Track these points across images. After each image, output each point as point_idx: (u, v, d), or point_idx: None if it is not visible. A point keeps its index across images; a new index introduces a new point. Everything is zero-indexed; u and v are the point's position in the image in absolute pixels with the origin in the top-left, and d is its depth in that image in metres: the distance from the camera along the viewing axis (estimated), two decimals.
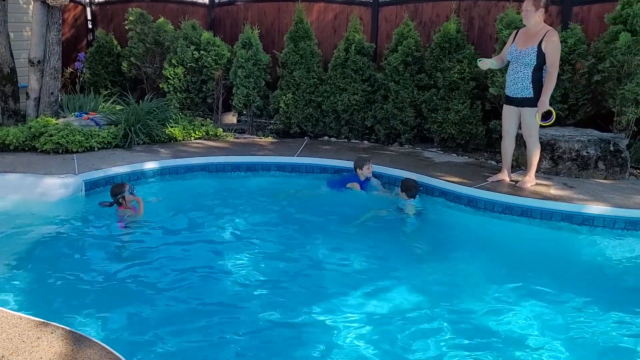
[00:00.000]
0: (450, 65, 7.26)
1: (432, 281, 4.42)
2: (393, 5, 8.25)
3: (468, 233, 5.45)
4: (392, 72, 7.61)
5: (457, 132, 7.33)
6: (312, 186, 6.55)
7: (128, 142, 7.29)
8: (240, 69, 8.27)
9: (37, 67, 8.00)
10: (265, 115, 8.80)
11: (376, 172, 6.43)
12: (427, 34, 7.90)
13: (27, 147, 6.96)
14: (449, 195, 5.95)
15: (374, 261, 4.76)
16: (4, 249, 4.66)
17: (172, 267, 4.53)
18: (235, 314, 3.90)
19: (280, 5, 8.97)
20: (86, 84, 9.76)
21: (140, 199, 5.49)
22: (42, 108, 8.09)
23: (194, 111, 8.91)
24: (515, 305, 4.03)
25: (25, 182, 5.84)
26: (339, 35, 8.40)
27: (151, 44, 9.13)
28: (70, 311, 3.75)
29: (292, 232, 5.34)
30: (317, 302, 4.02)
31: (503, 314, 3.92)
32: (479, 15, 7.67)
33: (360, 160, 6.34)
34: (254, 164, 6.90)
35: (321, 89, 8.05)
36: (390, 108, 7.65)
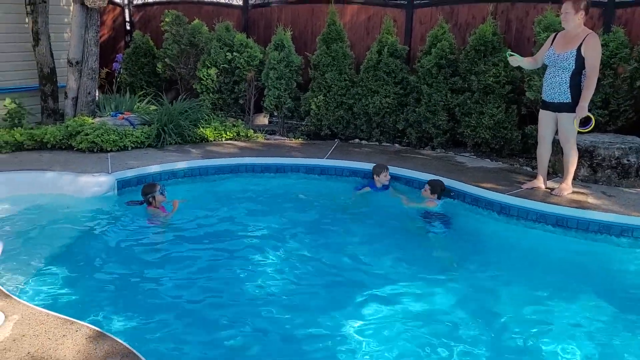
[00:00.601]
0: (485, 69, 7.10)
1: (461, 289, 4.31)
2: (428, 7, 8.13)
3: (500, 241, 5.30)
4: (425, 75, 7.50)
5: (491, 136, 7.17)
6: (341, 190, 6.51)
7: (160, 142, 7.38)
8: (272, 70, 8.28)
9: (75, 67, 8.20)
10: (296, 117, 8.79)
11: (407, 177, 6.34)
12: (462, 36, 7.75)
13: (64, 146, 7.12)
14: (480, 201, 5.80)
15: (401, 268, 4.68)
16: (36, 244, 4.76)
17: (198, 269, 4.55)
18: (260, 318, 3.88)
19: (314, 7, 8.95)
20: (123, 84, 9.95)
21: (177, 202, 5.54)
22: (79, 107, 8.28)
23: (226, 112, 8.98)
24: (546, 319, 3.89)
25: (61, 179, 5.96)
26: (372, 37, 8.32)
27: (186, 45, 9.23)
28: (96, 309, 3.80)
29: (319, 236, 5.30)
30: (343, 307, 3.97)
31: (533, 327, 3.78)
32: (517, 17, 7.48)
33: (378, 167, 6.30)
34: (283, 166, 6.88)
35: (353, 91, 8.00)
36: (423, 111, 7.53)
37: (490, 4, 7.50)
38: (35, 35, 7.97)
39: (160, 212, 5.46)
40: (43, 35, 8.02)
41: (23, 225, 5.12)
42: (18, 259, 4.37)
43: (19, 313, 3.22)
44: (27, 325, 3.10)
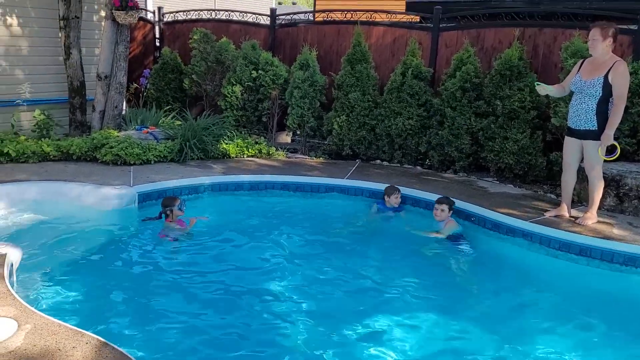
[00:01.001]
0: (510, 93, 7.02)
1: (479, 316, 4.22)
2: (454, 30, 8.11)
3: (520, 269, 5.18)
4: (449, 98, 7.45)
5: (515, 162, 7.06)
6: (360, 210, 6.47)
7: (183, 157, 7.46)
8: (296, 89, 8.34)
9: (104, 81, 8.38)
10: (318, 136, 8.81)
11: (426, 200, 6.26)
12: (488, 60, 7.70)
13: (89, 157, 7.24)
14: (502, 227, 5.69)
15: (418, 292, 4.60)
16: (55, 254, 4.83)
17: (212, 285, 4.55)
18: (273, 337, 3.84)
19: (340, 28, 9.02)
20: (149, 99, 10.12)
21: (194, 220, 5.57)
22: (106, 120, 8.44)
23: (249, 129, 9.05)
24: (564, 352, 3.75)
25: (83, 191, 6.05)
26: (397, 59, 8.33)
27: (212, 62, 9.37)
28: (108, 322, 3.81)
29: (335, 256, 5.25)
30: (360, 330, 3.94)
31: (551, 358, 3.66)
32: (544, 42, 7.41)
33: (390, 188, 6.31)
34: (303, 184, 6.87)
35: (376, 112, 7.99)
36: (446, 134, 7.47)
37: (517, 29, 7.45)
38: (67, 49, 8.18)
39: (176, 226, 5.48)
40: (74, 50, 8.23)
41: (43, 234, 5.20)
42: (36, 268, 4.43)
43: (32, 322, 3.23)
44: (38, 335, 3.11)
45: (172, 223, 5.47)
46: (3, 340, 3.03)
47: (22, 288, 4.03)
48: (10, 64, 8.02)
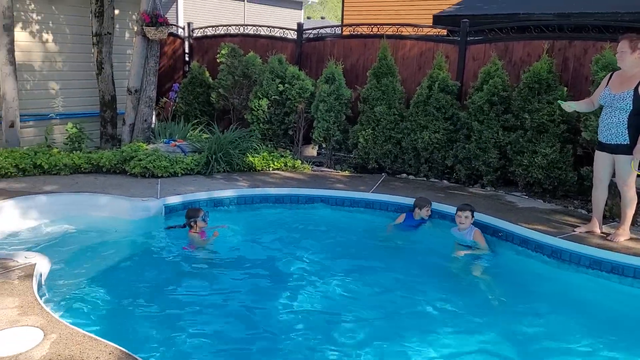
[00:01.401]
0: (539, 107, 6.90)
1: (506, 334, 4.11)
2: (482, 43, 8.04)
3: (549, 286, 5.03)
4: (476, 112, 7.37)
5: (544, 176, 6.92)
6: (385, 224, 6.42)
7: (209, 170, 7.55)
8: (322, 102, 8.37)
9: (134, 95, 8.57)
10: (344, 149, 8.81)
11: (453, 214, 6.17)
12: (516, 73, 7.60)
13: (118, 170, 7.39)
14: (530, 243, 5.57)
15: (444, 306, 4.53)
16: (82, 264, 4.91)
17: (236, 297, 4.58)
18: (294, 350, 3.82)
19: (366, 42, 9.04)
20: (178, 112, 10.29)
21: (217, 233, 5.62)
22: (135, 134, 8.61)
23: (276, 142, 9.10)
24: None
25: (111, 202, 6.17)
26: (424, 73, 8.29)
27: (239, 76, 9.49)
28: (132, 332, 3.85)
29: (359, 269, 5.22)
30: (383, 343, 3.87)
31: None
32: (574, 55, 7.28)
33: (421, 200, 6.27)
34: (328, 198, 6.87)
35: (402, 126, 7.95)
36: (473, 148, 7.38)
37: (546, 42, 7.34)
38: (99, 64, 8.40)
39: (200, 237, 5.53)
40: (106, 65, 8.44)
41: (72, 245, 5.30)
42: (63, 278, 4.51)
43: (57, 332, 3.29)
44: (63, 344, 3.16)
45: (196, 234, 5.52)
46: (29, 349, 3.09)
47: (50, 298, 4.11)
48: (45, 79, 8.27)
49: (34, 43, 8.08)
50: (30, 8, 7.93)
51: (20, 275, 4.02)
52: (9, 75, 7.47)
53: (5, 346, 3.11)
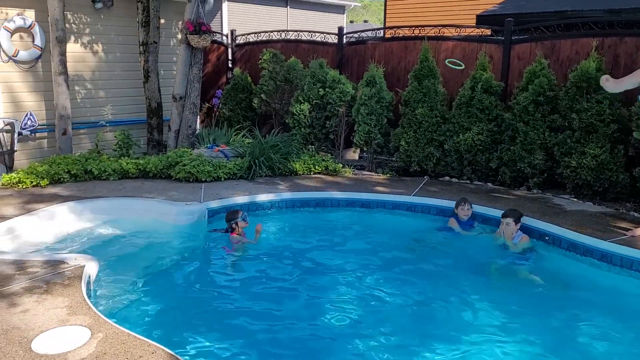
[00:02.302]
0: (588, 106, 6.67)
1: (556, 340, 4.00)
2: (527, 42, 7.84)
3: (599, 292, 4.85)
4: (521, 112, 7.19)
5: (594, 178, 6.67)
6: (427, 228, 6.34)
7: (251, 174, 7.64)
8: (363, 106, 8.35)
9: (179, 102, 8.78)
10: (385, 153, 8.75)
11: (497, 217, 6.03)
12: (563, 72, 7.37)
13: (163, 175, 7.58)
14: (579, 247, 5.38)
15: (490, 312, 4.43)
16: (128, 267, 5.05)
17: (278, 300, 4.62)
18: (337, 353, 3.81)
19: (408, 44, 8.97)
20: (221, 118, 10.48)
21: (260, 226, 5.68)
22: (180, 140, 8.82)
23: (317, 146, 9.14)
24: None
25: (157, 207, 6.32)
26: (467, 74, 8.15)
27: (281, 81, 9.58)
28: (175, 333, 3.93)
29: (401, 273, 5.17)
30: (420, 346, 3.82)
31: None
32: (626, 52, 7.00)
33: (459, 200, 6.22)
34: (369, 202, 6.83)
35: (444, 128, 7.84)
36: (518, 150, 7.20)
37: (595, 39, 7.09)
38: (146, 72, 8.66)
39: (242, 238, 5.60)
40: (152, 73, 8.69)
41: (119, 248, 5.47)
42: (110, 280, 4.65)
43: (104, 332, 3.40)
44: (109, 344, 3.26)
45: (238, 236, 5.60)
46: (77, 347, 3.20)
47: (98, 298, 4.25)
48: (95, 88, 8.59)
49: (85, 53, 8.41)
50: (81, 20, 8.26)
51: (70, 277, 4.18)
52: (62, 84, 7.80)
53: (55, 344, 3.23)
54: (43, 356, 3.11)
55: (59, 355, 3.12)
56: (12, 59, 7.47)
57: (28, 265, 4.39)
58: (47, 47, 7.77)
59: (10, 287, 3.98)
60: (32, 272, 4.26)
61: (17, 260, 4.51)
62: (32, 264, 4.41)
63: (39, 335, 3.34)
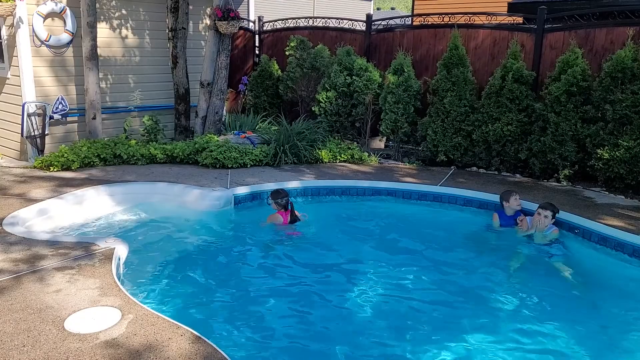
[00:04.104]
0: (622, 97, 6.50)
1: (585, 334, 3.93)
2: (560, 31, 7.65)
3: (631, 286, 4.75)
4: (552, 103, 7.05)
5: (627, 171, 6.52)
6: (453, 218, 6.29)
7: (277, 161, 7.66)
8: (390, 94, 8.27)
9: (206, 88, 8.82)
10: (412, 142, 8.68)
11: (525, 210, 5.94)
12: (598, 62, 7.18)
13: (190, 160, 7.65)
14: (609, 241, 5.28)
15: (518, 304, 4.39)
16: (157, 251, 5.13)
17: (304, 287, 4.62)
18: (361, 341, 3.82)
19: (437, 32, 8.83)
20: (248, 104, 10.50)
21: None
22: (207, 126, 8.87)
23: (343, 134, 9.11)
24: None
25: (184, 192, 6.39)
26: (497, 63, 8.01)
27: (308, 69, 9.54)
28: (202, 316, 3.98)
29: (425, 263, 5.14)
30: (446, 339, 3.80)
31: None
32: None
33: (505, 193, 5.98)
34: (395, 190, 6.80)
35: (472, 118, 7.73)
36: (549, 141, 7.06)
37: (632, 28, 6.89)
38: (174, 58, 8.70)
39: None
40: (181, 59, 8.72)
41: (147, 232, 5.55)
42: (140, 263, 4.73)
43: (134, 313, 3.46)
44: (139, 325, 3.32)
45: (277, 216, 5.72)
46: (108, 327, 3.27)
47: (127, 280, 4.32)
48: (124, 73, 8.67)
49: (114, 39, 8.49)
50: (112, 5, 8.34)
51: (101, 259, 4.25)
52: (92, 70, 7.89)
53: (87, 324, 3.30)
54: (76, 335, 3.19)
55: (91, 335, 3.19)
56: (44, 43, 7.58)
57: (60, 246, 4.49)
58: (78, 32, 7.86)
59: (44, 268, 4.08)
60: (64, 253, 4.35)
61: (49, 241, 4.61)
62: (64, 245, 4.50)
63: (71, 314, 3.42)
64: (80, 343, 3.10)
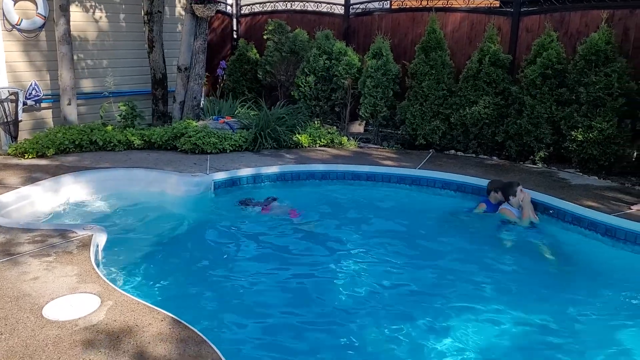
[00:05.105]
0: (596, 80, 6.61)
1: (555, 312, 4.03)
2: (536, 14, 7.72)
3: (603, 266, 4.88)
4: (528, 85, 7.13)
5: (600, 152, 6.65)
6: (432, 201, 6.36)
7: (257, 146, 7.64)
8: (369, 78, 8.28)
9: (184, 73, 8.72)
10: (391, 126, 8.72)
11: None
12: (572, 45, 7.27)
13: (169, 146, 7.58)
14: (583, 221, 5.40)
15: (490, 284, 4.48)
16: (136, 237, 5.11)
17: (281, 271, 4.67)
18: (343, 326, 3.87)
19: (415, 16, 8.84)
20: (226, 89, 10.41)
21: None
22: (185, 111, 8.79)
23: (322, 119, 9.10)
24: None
25: (163, 178, 6.34)
26: (474, 46, 8.06)
27: (287, 52, 9.49)
28: (183, 301, 3.99)
29: (405, 246, 5.20)
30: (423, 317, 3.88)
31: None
32: (636, 25, 6.89)
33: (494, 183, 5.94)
34: (374, 174, 6.84)
35: (450, 101, 7.79)
36: (525, 123, 7.16)
37: (605, 11, 6.98)
38: (150, 42, 8.57)
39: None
40: (157, 43, 8.60)
41: (126, 219, 5.52)
42: (119, 250, 4.70)
43: (113, 299, 3.45)
44: (119, 311, 3.31)
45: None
46: (87, 314, 3.26)
47: (106, 267, 4.30)
48: (99, 58, 8.53)
49: (89, 23, 8.32)
50: None
51: (78, 246, 4.22)
52: (66, 54, 7.74)
53: (66, 311, 3.29)
54: (54, 322, 3.17)
55: (70, 322, 3.18)
56: (15, 27, 7.40)
57: (37, 234, 4.44)
58: (50, 16, 7.69)
59: (21, 255, 4.03)
60: (41, 240, 4.30)
61: (25, 228, 4.55)
62: (40, 233, 4.46)
63: (49, 302, 3.40)
64: (59, 330, 3.09)
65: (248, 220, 5.65)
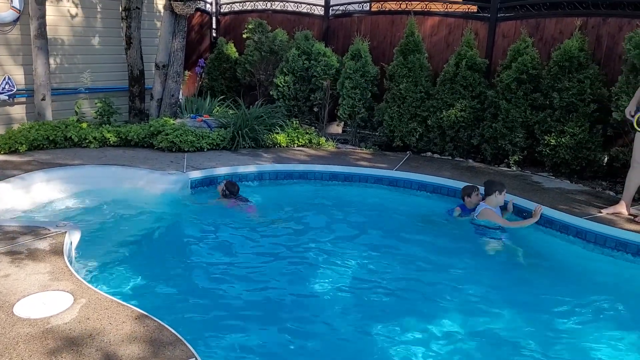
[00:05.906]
0: (569, 85, 6.75)
1: (529, 314, 4.11)
2: (512, 20, 7.86)
3: (574, 267, 4.99)
4: (504, 90, 7.25)
5: (572, 157, 6.80)
6: (409, 202, 6.42)
7: (235, 145, 7.62)
8: (347, 79, 8.32)
9: (161, 70, 8.65)
10: (369, 127, 8.78)
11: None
12: (547, 51, 7.42)
13: (145, 144, 7.51)
14: (555, 224, 5.51)
15: (463, 284, 4.53)
16: (111, 235, 5.06)
17: (259, 270, 4.66)
18: (316, 325, 3.89)
19: (394, 18, 8.92)
20: (204, 88, 10.36)
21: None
22: (163, 109, 8.71)
23: (301, 119, 9.12)
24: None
25: (139, 176, 6.28)
26: (452, 50, 8.16)
27: (266, 52, 9.48)
28: (157, 299, 3.97)
29: (379, 246, 5.24)
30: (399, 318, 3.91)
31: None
32: (608, 33, 7.06)
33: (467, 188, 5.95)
34: (352, 175, 6.88)
35: (427, 104, 7.88)
36: (500, 127, 7.28)
37: (579, 18, 7.14)
38: (128, 39, 8.48)
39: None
40: (135, 40, 8.51)
41: (101, 216, 5.45)
42: (93, 248, 4.64)
43: (86, 297, 3.41)
44: (92, 309, 3.28)
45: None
46: (60, 312, 3.22)
47: (80, 265, 4.25)
48: (75, 53, 8.40)
49: (65, 17, 8.20)
50: None
51: (51, 243, 4.16)
52: (41, 48, 7.61)
53: (38, 309, 3.24)
54: (26, 320, 3.13)
55: (42, 320, 3.13)
56: None
57: (8, 231, 4.36)
58: (25, 10, 7.55)
59: None
60: (12, 237, 4.23)
61: None
62: (12, 230, 4.38)
63: (20, 300, 3.34)
64: (31, 328, 3.05)
65: (225, 218, 5.63)
